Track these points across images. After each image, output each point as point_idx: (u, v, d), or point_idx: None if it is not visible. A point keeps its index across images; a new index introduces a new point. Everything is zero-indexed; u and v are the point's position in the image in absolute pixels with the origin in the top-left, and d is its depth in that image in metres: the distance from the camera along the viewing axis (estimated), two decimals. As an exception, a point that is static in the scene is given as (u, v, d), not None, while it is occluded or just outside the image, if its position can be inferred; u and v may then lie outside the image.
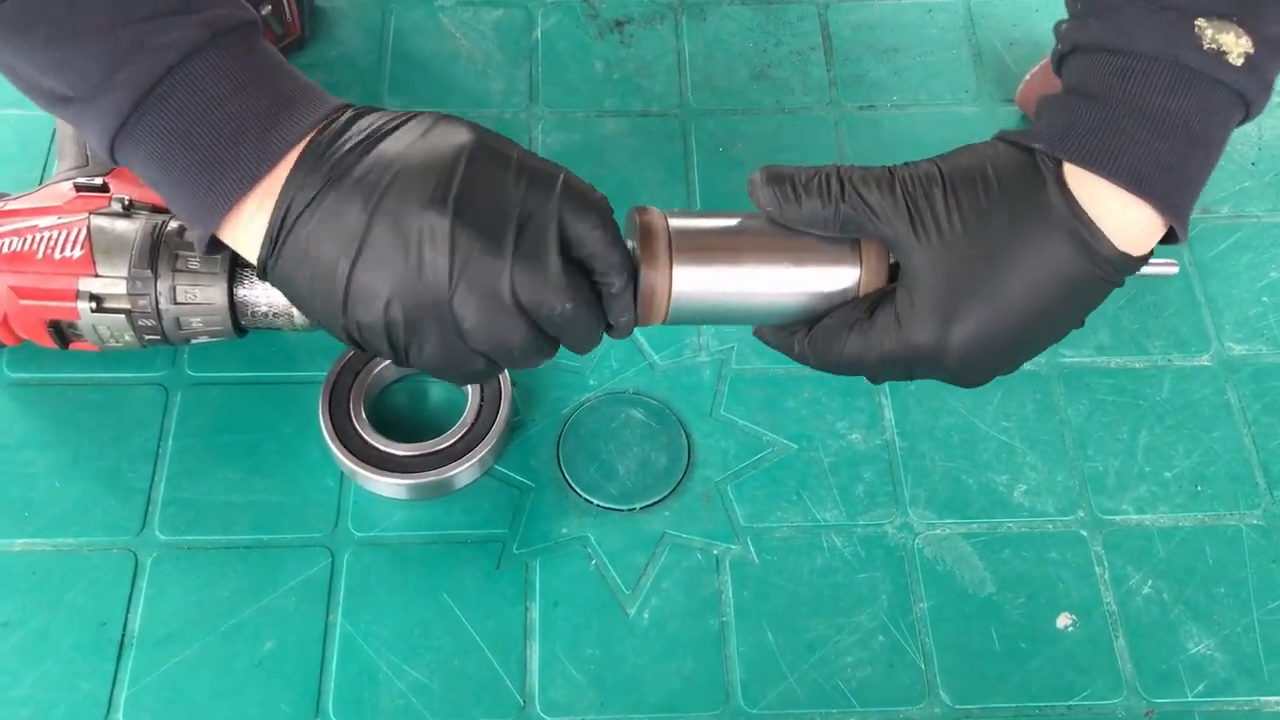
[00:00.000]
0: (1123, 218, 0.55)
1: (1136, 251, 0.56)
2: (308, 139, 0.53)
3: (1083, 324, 0.60)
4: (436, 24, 0.94)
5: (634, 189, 0.86)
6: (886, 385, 0.77)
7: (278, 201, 0.52)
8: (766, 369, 0.78)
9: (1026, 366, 0.77)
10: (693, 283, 0.58)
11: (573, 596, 0.70)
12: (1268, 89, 0.56)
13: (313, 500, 0.72)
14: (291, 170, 0.52)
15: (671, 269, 0.57)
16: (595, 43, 0.94)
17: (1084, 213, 0.55)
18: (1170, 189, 0.55)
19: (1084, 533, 0.73)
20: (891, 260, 0.58)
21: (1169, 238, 0.58)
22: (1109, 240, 0.55)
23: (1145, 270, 0.61)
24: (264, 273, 0.55)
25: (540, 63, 0.92)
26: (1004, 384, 0.77)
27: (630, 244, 0.58)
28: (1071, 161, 0.55)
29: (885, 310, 0.57)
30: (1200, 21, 0.54)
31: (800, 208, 0.57)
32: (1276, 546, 0.72)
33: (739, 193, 0.85)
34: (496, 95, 0.90)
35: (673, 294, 0.58)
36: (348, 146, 0.53)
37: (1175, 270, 0.62)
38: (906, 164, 0.57)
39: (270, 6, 0.87)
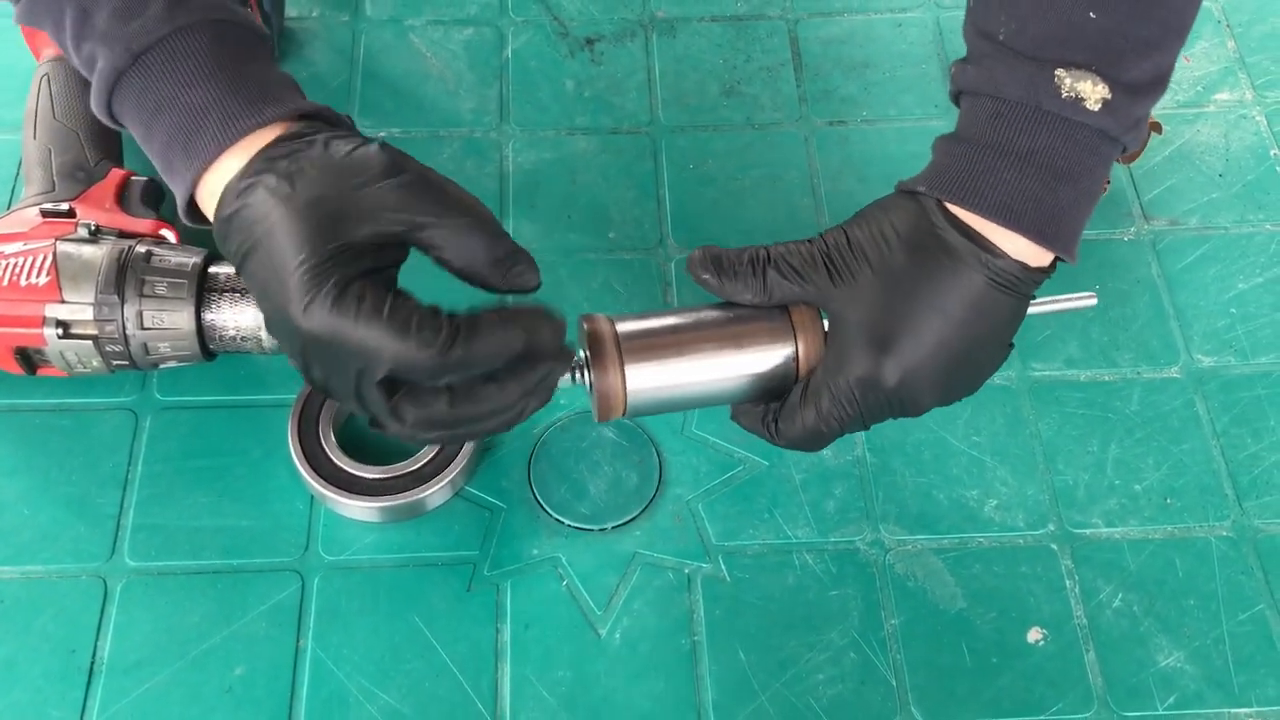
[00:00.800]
0: (1007, 243, 0.62)
1: (1032, 263, 0.63)
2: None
3: (1011, 346, 0.67)
4: (407, 44, 0.94)
5: (605, 206, 0.86)
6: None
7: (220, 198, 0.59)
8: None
9: (996, 380, 0.78)
10: (645, 380, 0.64)
11: (544, 618, 0.70)
12: (1133, 127, 0.63)
13: (283, 524, 0.72)
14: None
15: (623, 371, 0.64)
16: (566, 61, 0.94)
17: (972, 230, 0.62)
18: (1041, 220, 0.62)
19: (1054, 547, 0.73)
20: (825, 330, 0.65)
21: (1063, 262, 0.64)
22: (999, 249, 0.62)
23: (1064, 305, 0.69)
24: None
25: (511, 81, 0.92)
26: (974, 399, 0.77)
27: (582, 353, 0.65)
28: (947, 200, 0.63)
29: (835, 375, 0.64)
30: (1060, 72, 0.61)
31: (735, 279, 0.65)
32: (1245, 558, 0.72)
33: (709, 209, 0.86)
34: (467, 114, 0.90)
35: (628, 392, 0.64)
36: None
37: (1094, 302, 0.69)
38: (821, 234, 0.66)
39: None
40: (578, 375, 0.65)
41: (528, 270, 0.60)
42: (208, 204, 0.60)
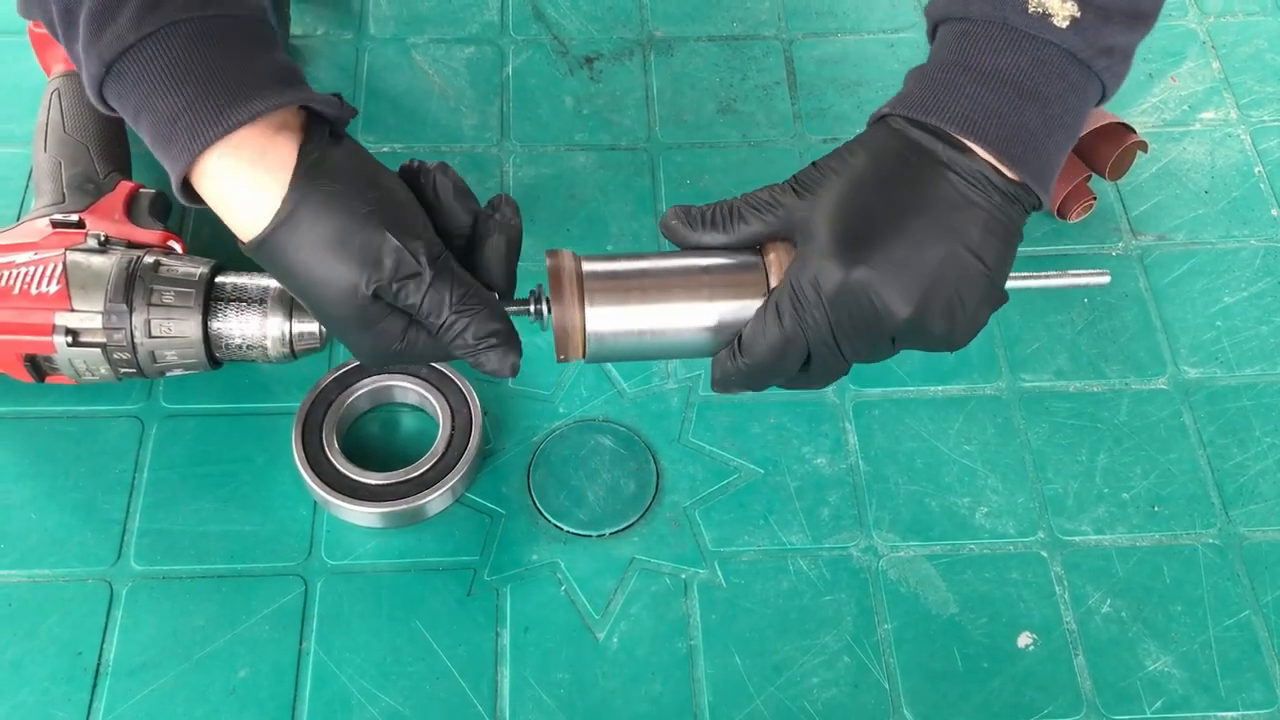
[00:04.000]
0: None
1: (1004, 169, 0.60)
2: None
3: (1002, 293, 0.62)
4: (410, 61, 0.96)
5: (603, 221, 0.88)
6: (851, 410, 0.79)
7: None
8: (733, 396, 0.79)
9: (987, 390, 0.79)
10: (607, 321, 0.62)
11: (543, 622, 0.71)
12: (1106, 54, 0.61)
13: (286, 529, 0.73)
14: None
15: (584, 308, 0.61)
16: (565, 79, 0.96)
17: (940, 129, 0.61)
18: (1005, 136, 0.60)
19: (1044, 553, 0.74)
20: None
21: (1035, 200, 0.62)
22: (967, 146, 0.60)
23: (1075, 280, 0.66)
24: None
25: (511, 98, 0.94)
26: (965, 408, 0.79)
27: (541, 287, 0.62)
28: (907, 115, 0.62)
29: (798, 274, 0.61)
30: None
31: (704, 226, 0.64)
32: (1231, 565, 0.74)
33: (706, 224, 0.87)
34: (468, 130, 0.92)
35: (588, 333, 0.62)
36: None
37: (1107, 280, 0.66)
38: None
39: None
40: (535, 309, 0.63)
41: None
42: (204, 187, 0.61)
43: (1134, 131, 0.85)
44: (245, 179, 0.59)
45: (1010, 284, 0.64)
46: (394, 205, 0.60)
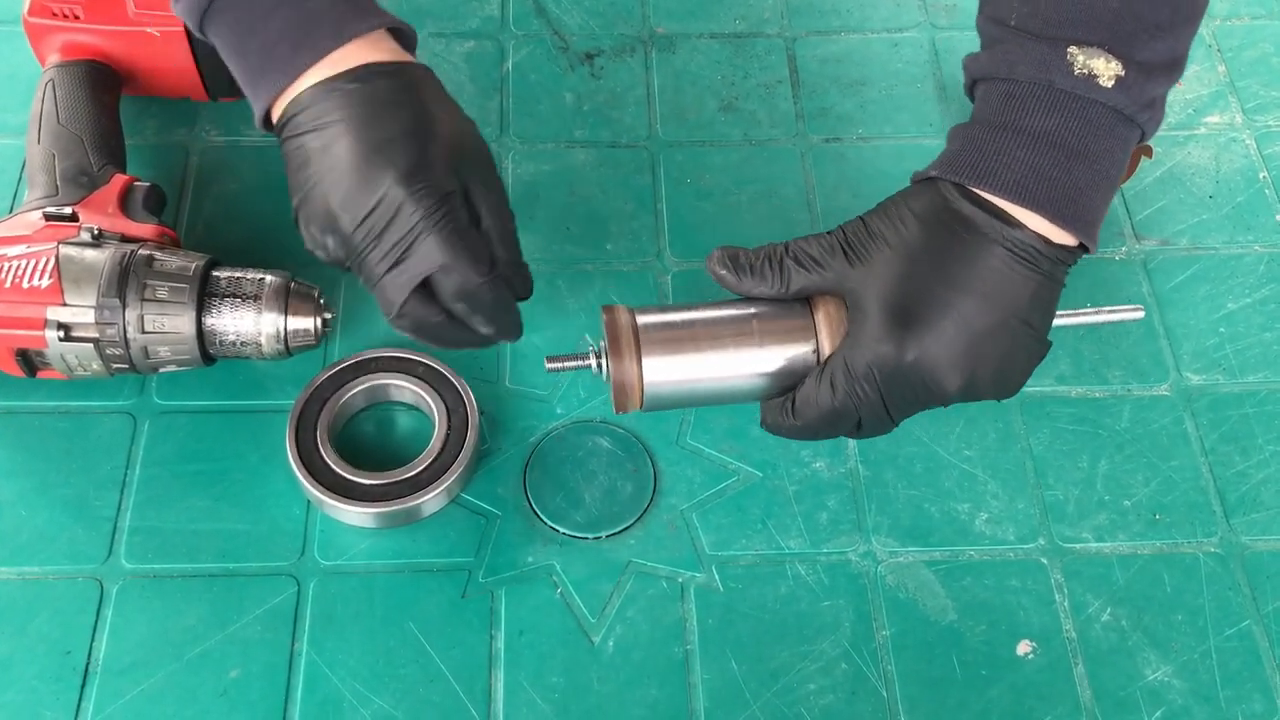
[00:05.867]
0: (1025, 223, 0.62)
1: (1054, 238, 0.62)
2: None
3: (1047, 342, 0.65)
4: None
5: (603, 219, 0.87)
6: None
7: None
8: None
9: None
10: (662, 372, 0.65)
11: (538, 625, 0.70)
12: (1149, 107, 0.63)
13: (279, 529, 0.73)
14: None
15: (640, 362, 0.65)
16: (565, 75, 0.95)
17: (989, 204, 0.62)
18: (1056, 198, 0.62)
19: (1044, 560, 0.74)
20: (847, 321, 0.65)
21: (1082, 250, 0.64)
22: (1017, 220, 0.61)
23: (1111, 317, 0.69)
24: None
25: (511, 94, 0.93)
26: (965, 413, 0.78)
27: (601, 343, 0.66)
28: (959, 181, 0.63)
29: (852, 348, 0.63)
30: (1072, 49, 0.62)
31: (752, 275, 0.65)
32: (1233, 574, 0.73)
33: (706, 223, 0.87)
34: (467, 126, 0.91)
35: (645, 384, 0.65)
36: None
37: (1141, 315, 0.69)
38: (840, 226, 0.66)
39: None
40: (596, 365, 0.67)
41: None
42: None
43: (1139, 135, 0.84)
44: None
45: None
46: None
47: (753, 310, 0.66)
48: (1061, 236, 0.63)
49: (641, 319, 0.66)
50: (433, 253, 0.62)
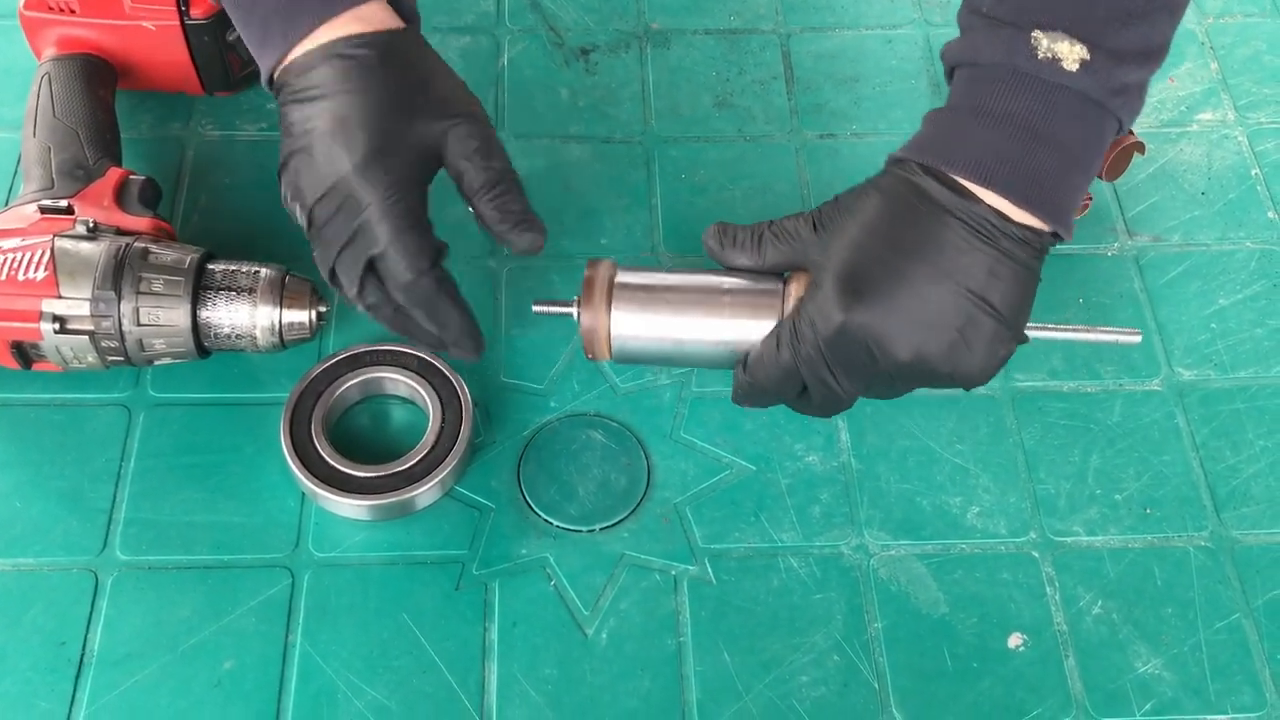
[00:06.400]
0: (989, 200, 0.63)
1: (1015, 218, 0.62)
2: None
3: (1017, 335, 0.65)
4: (404, 50, 0.95)
5: (598, 214, 0.87)
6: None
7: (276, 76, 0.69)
8: (726, 392, 0.79)
9: (980, 390, 0.79)
10: (631, 327, 0.69)
11: (531, 617, 0.71)
12: (1121, 93, 0.63)
13: (274, 521, 0.73)
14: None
15: (610, 314, 0.69)
16: (561, 70, 0.95)
17: (951, 180, 0.62)
18: (1016, 179, 0.62)
19: (1035, 554, 0.74)
20: None
21: (1055, 238, 0.64)
22: (976, 196, 0.62)
23: (1104, 336, 0.70)
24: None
25: (506, 89, 0.93)
26: (958, 407, 0.79)
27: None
28: (921, 161, 0.64)
29: (802, 310, 0.65)
30: (1036, 33, 0.62)
31: (734, 247, 0.69)
32: (1223, 568, 0.74)
33: (701, 218, 0.87)
34: (463, 121, 0.91)
35: (612, 337, 0.69)
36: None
37: (1138, 339, 0.70)
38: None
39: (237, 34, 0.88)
40: (576, 312, 0.70)
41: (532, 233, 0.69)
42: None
43: (1131, 132, 0.85)
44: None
45: (1038, 334, 0.68)
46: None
47: (727, 282, 0.69)
48: (1025, 218, 0.63)
49: (622, 276, 0.70)
50: (373, 240, 0.66)
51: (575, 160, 0.90)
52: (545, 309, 0.72)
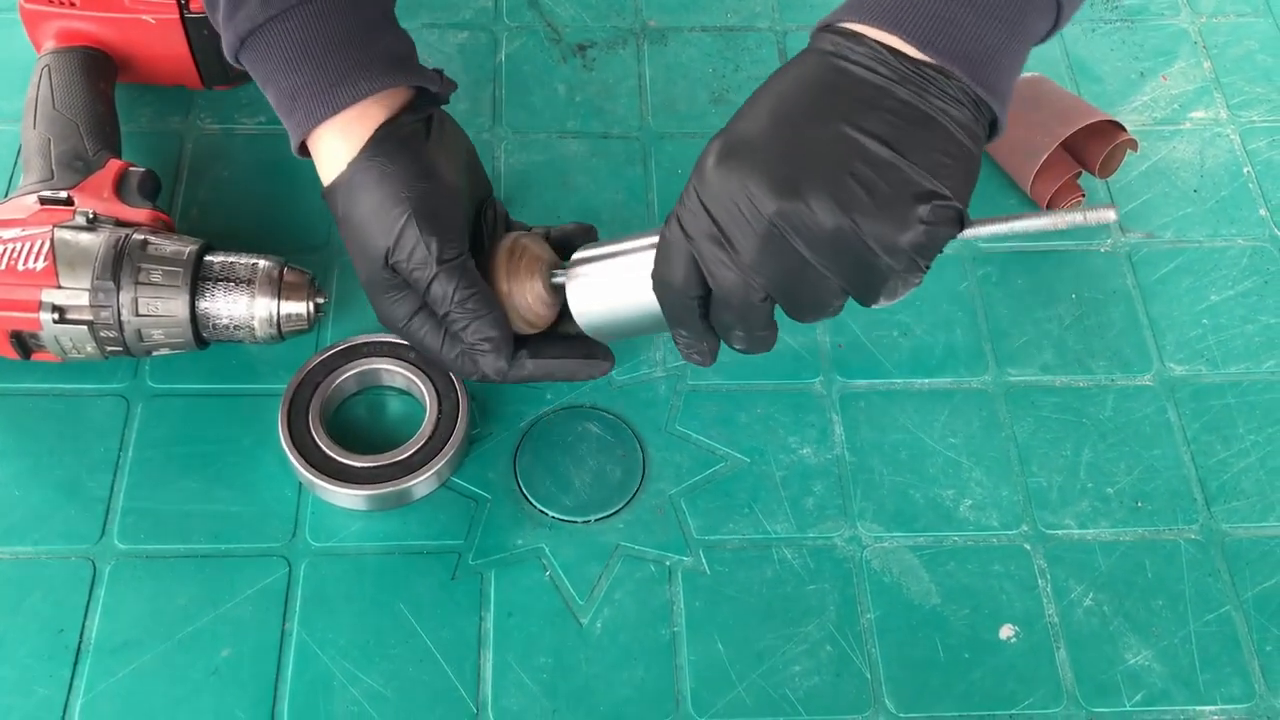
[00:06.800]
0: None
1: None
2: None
3: (922, 166, 0.56)
4: (402, 46, 0.95)
5: (595, 209, 0.88)
6: (837, 401, 0.79)
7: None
8: (721, 385, 0.80)
9: (973, 384, 0.80)
10: (586, 301, 0.68)
11: (527, 607, 0.71)
12: None
13: (271, 510, 0.73)
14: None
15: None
16: (558, 66, 0.96)
17: (851, 30, 0.58)
18: (917, 24, 0.56)
19: (1027, 546, 0.74)
20: None
21: (992, 130, 0.59)
22: (865, 35, 0.57)
23: (1082, 218, 0.59)
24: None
25: (504, 85, 0.94)
26: (951, 401, 0.79)
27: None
28: (828, 23, 0.60)
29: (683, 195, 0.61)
30: None
31: None
32: (1213, 561, 0.74)
33: (696, 213, 0.87)
34: (461, 116, 0.91)
35: (574, 314, 0.68)
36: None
37: (1114, 217, 0.59)
38: None
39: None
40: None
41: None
42: (312, 147, 0.69)
43: (1124, 129, 0.85)
44: (333, 147, 0.68)
45: (1007, 225, 0.59)
46: (434, 198, 0.67)
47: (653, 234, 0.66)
48: (930, 62, 0.57)
49: (577, 253, 0.70)
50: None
51: (572, 155, 0.90)
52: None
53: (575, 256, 0.70)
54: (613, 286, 0.68)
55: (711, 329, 0.65)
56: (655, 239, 0.65)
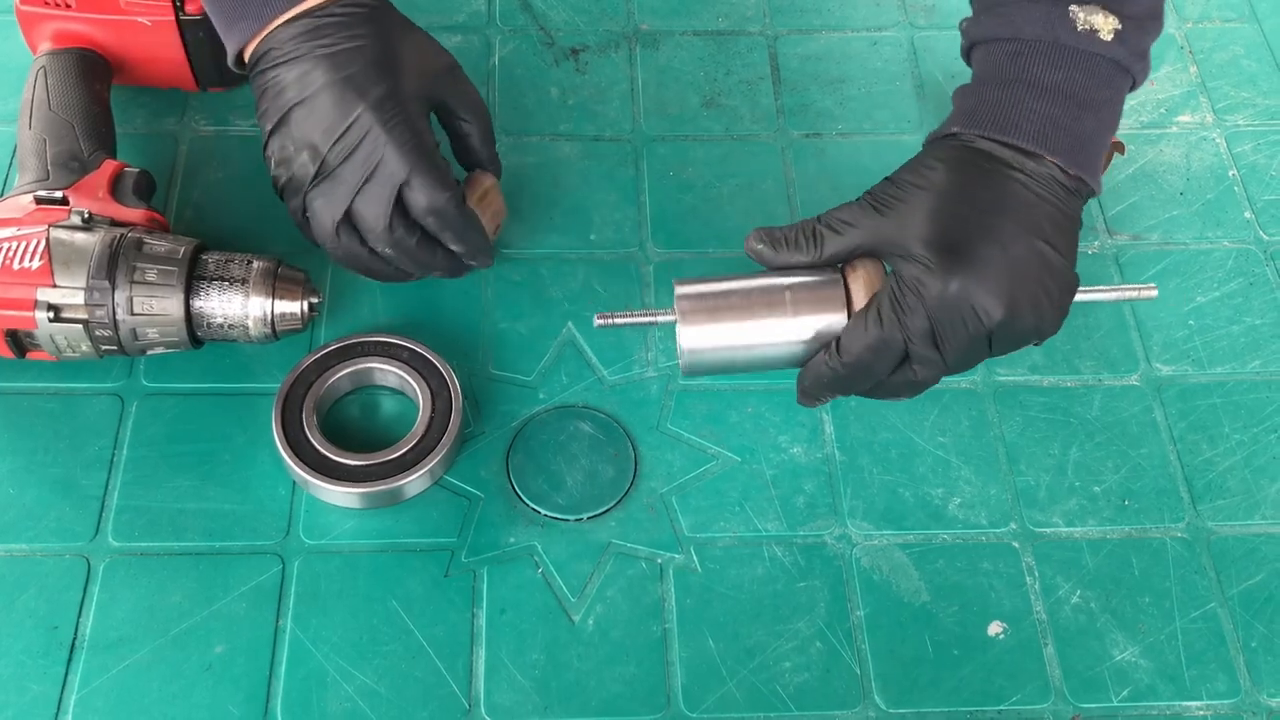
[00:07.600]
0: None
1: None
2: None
3: (1072, 263, 0.67)
4: (396, 49, 0.96)
5: (587, 211, 0.88)
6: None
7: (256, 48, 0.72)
8: (711, 384, 0.80)
9: (961, 384, 0.80)
10: (699, 339, 0.69)
11: (519, 604, 0.72)
12: (1142, 57, 0.69)
13: (265, 508, 0.74)
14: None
15: (678, 327, 0.69)
16: (551, 69, 0.96)
17: (1010, 142, 0.67)
18: (1070, 145, 0.67)
19: (1015, 544, 0.75)
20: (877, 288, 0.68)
21: (1090, 192, 0.69)
22: (1039, 155, 0.66)
23: (1126, 295, 0.73)
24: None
25: (497, 88, 0.95)
26: (940, 401, 0.80)
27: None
28: (984, 134, 0.67)
29: (901, 284, 0.66)
30: (1073, 8, 0.68)
31: (788, 247, 0.69)
32: (1199, 558, 0.75)
33: (688, 214, 0.88)
34: (454, 118, 0.92)
35: (684, 350, 0.69)
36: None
37: (1155, 294, 0.72)
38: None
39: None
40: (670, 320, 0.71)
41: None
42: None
43: (1111, 132, 0.86)
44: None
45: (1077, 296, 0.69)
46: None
47: (785, 281, 0.69)
48: (1070, 180, 0.68)
49: (679, 288, 0.69)
50: (399, 167, 0.70)
51: (565, 158, 0.91)
52: (610, 322, 0.72)
53: (680, 292, 0.69)
54: (734, 340, 0.69)
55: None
56: (769, 286, 0.69)
